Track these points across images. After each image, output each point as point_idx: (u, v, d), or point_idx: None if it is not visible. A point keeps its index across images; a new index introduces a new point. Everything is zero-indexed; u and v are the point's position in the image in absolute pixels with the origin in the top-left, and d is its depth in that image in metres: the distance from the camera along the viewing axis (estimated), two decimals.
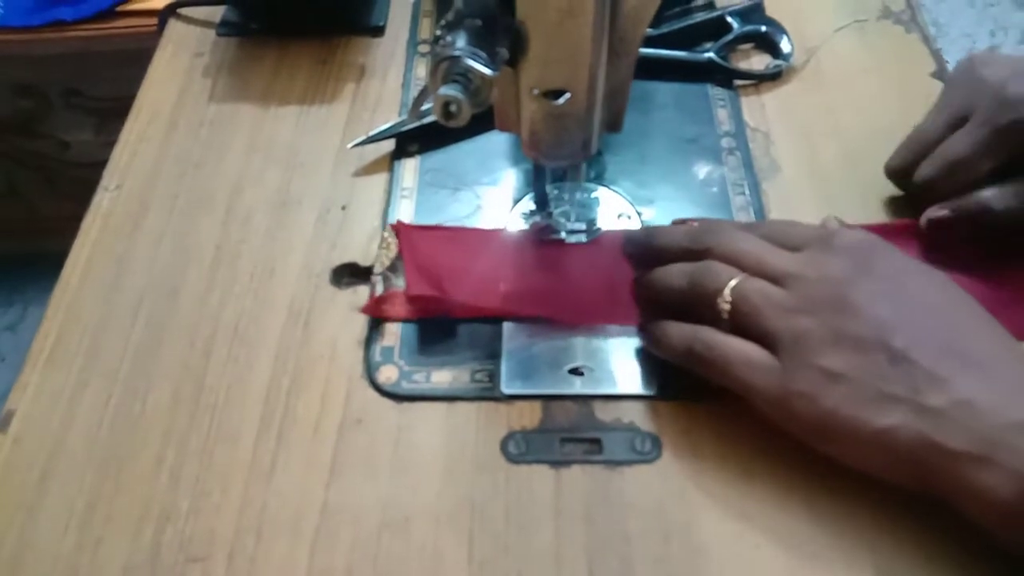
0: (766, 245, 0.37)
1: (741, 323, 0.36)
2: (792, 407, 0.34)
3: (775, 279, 0.36)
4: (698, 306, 0.37)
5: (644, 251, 0.41)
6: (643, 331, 0.40)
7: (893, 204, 0.46)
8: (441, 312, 0.42)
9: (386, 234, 0.44)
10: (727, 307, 0.36)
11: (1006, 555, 0.32)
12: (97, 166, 0.50)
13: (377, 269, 0.43)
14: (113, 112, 0.97)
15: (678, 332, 0.37)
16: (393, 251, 0.44)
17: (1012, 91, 0.40)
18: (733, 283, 0.36)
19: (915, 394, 0.32)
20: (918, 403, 0.32)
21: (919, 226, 0.43)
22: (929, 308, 0.34)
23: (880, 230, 0.43)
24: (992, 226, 0.41)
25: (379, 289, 0.42)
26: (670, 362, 0.38)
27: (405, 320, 0.42)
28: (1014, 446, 0.30)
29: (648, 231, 0.42)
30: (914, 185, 0.44)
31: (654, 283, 0.39)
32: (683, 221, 0.44)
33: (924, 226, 0.42)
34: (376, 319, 0.42)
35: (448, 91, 0.31)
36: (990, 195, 0.41)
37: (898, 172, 0.45)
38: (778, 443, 0.37)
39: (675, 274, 0.38)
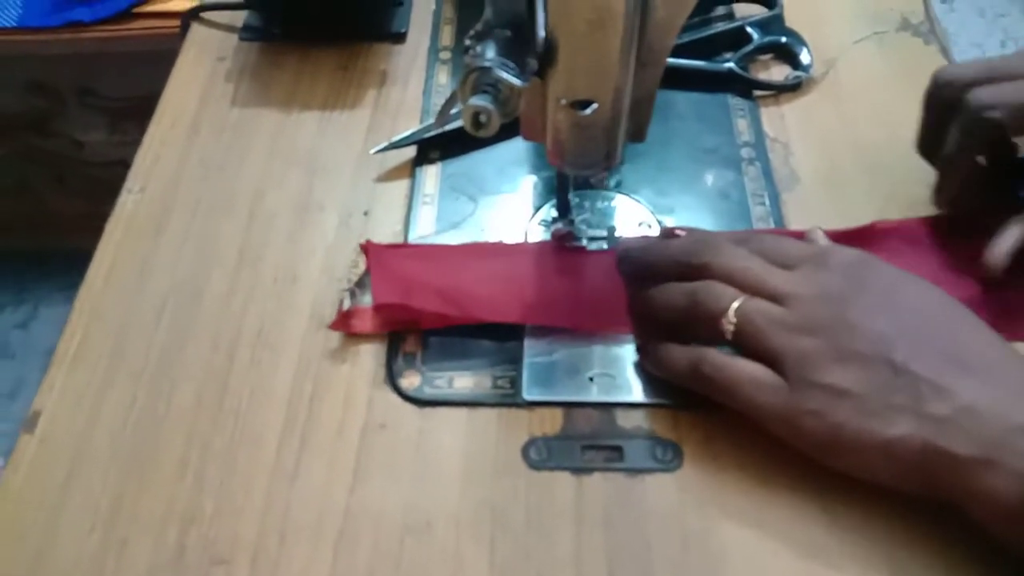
0: (762, 263, 0.38)
1: (744, 343, 0.36)
2: (801, 424, 0.34)
3: (774, 298, 0.36)
4: (700, 326, 0.37)
5: (639, 267, 0.41)
6: (643, 351, 0.40)
7: (912, 215, 0.46)
8: (409, 323, 0.42)
9: (355, 255, 0.45)
10: (731, 328, 0.36)
11: (1020, 560, 0.32)
12: (110, 166, 0.50)
13: (345, 286, 0.44)
14: (127, 112, 0.98)
15: (682, 354, 0.38)
16: (361, 268, 0.44)
17: None
18: (736, 304, 0.36)
19: (919, 404, 0.32)
20: (923, 412, 0.32)
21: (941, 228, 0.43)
22: (926, 319, 0.35)
23: (889, 230, 0.43)
24: None
25: (346, 304, 0.42)
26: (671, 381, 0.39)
27: (375, 333, 0.42)
28: (1018, 449, 0.31)
29: (642, 247, 0.42)
30: (967, 111, 0.40)
31: (653, 301, 0.39)
32: (671, 231, 0.44)
33: (989, 273, 0.41)
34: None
35: (478, 101, 0.31)
36: None
37: (943, 95, 0.41)
38: (796, 452, 0.37)
39: (675, 293, 0.38)
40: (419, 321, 0.42)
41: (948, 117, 0.42)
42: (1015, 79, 0.40)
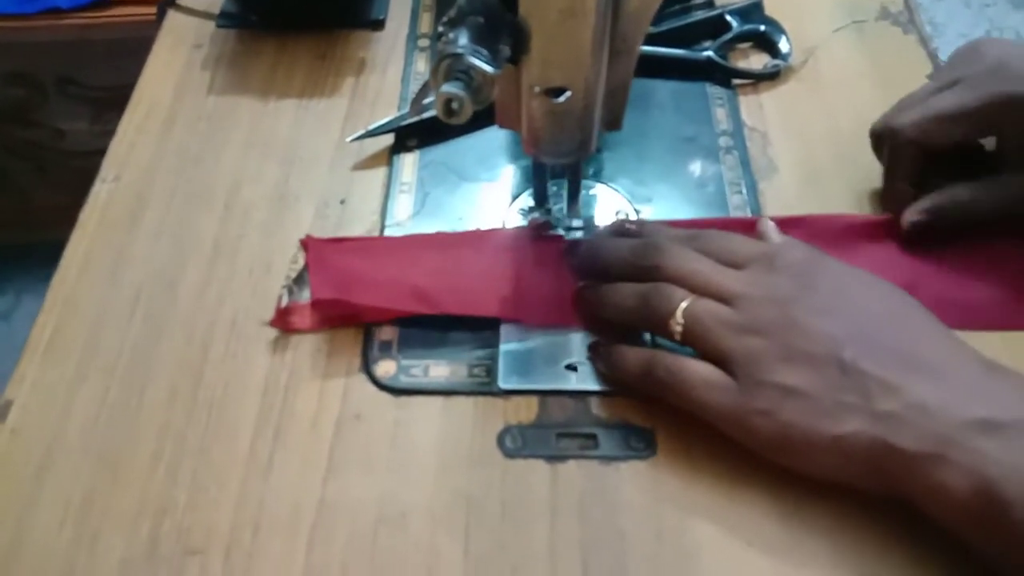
0: (712, 264, 0.38)
1: (694, 344, 0.36)
2: (751, 424, 0.35)
3: (723, 299, 0.36)
4: (649, 327, 0.38)
5: (590, 266, 0.42)
6: (594, 351, 0.40)
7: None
8: (350, 318, 0.41)
9: (295, 249, 0.44)
10: (679, 328, 0.36)
11: (980, 556, 0.32)
12: (92, 155, 0.50)
13: (283, 282, 0.43)
14: (108, 101, 0.97)
15: (635, 356, 0.38)
16: (300, 263, 0.44)
17: (1012, 65, 0.41)
18: (684, 305, 0.36)
19: (868, 401, 0.33)
20: (872, 409, 0.32)
21: (897, 224, 0.43)
22: (875, 317, 0.35)
23: (859, 228, 0.44)
24: (967, 223, 0.42)
25: (284, 301, 0.42)
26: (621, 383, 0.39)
27: (314, 330, 0.41)
28: (967, 445, 0.31)
29: (593, 245, 0.42)
30: (890, 137, 0.43)
31: (602, 300, 0.40)
32: (622, 226, 0.43)
33: (905, 228, 0.43)
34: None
35: (450, 88, 0.31)
36: (963, 191, 0.42)
37: (879, 132, 0.45)
38: None
39: (626, 294, 0.39)
40: (359, 316, 0.41)
41: (896, 161, 0.44)
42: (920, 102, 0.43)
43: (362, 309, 0.41)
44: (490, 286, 0.42)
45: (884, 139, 0.44)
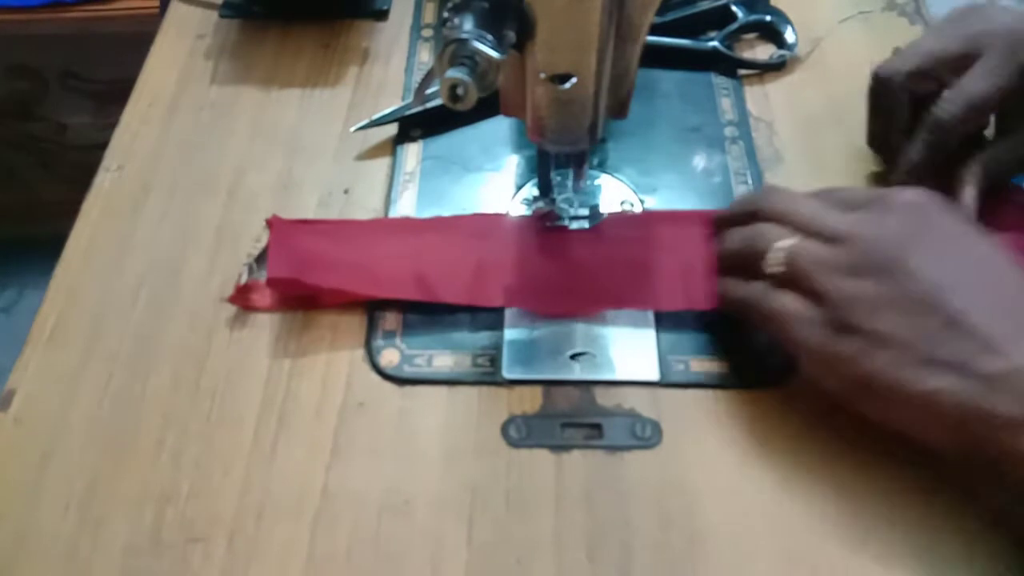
0: (818, 205, 0.37)
1: (791, 283, 0.36)
2: (836, 366, 0.34)
3: (828, 239, 0.36)
4: (750, 267, 0.38)
5: (719, 222, 0.42)
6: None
7: None
8: (307, 299, 0.41)
9: (260, 229, 0.44)
10: (779, 268, 0.36)
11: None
12: (95, 149, 0.50)
13: (244, 260, 0.43)
14: (111, 95, 0.97)
15: (734, 286, 0.39)
16: (263, 242, 0.44)
17: None
18: (781, 244, 0.36)
19: (968, 358, 0.31)
20: (970, 368, 0.31)
21: None
22: (989, 271, 0.34)
23: None
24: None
25: (244, 278, 0.42)
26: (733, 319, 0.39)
27: (272, 310, 0.42)
28: None
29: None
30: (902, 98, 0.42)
31: (718, 247, 0.41)
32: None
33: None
34: (377, 302, 0.42)
35: (455, 74, 0.31)
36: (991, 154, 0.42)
37: (892, 84, 0.43)
38: (777, 431, 0.37)
39: (734, 238, 0.39)
40: (318, 298, 0.41)
41: (893, 110, 0.43)
42: (951, 69, 0.41)
43: (319, 290, 0.41)
44: (454, 272, 0.42)
45: (895, 97, 0.43)
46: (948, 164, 0.42)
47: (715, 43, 0.52)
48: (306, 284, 0.41)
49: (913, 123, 0.43)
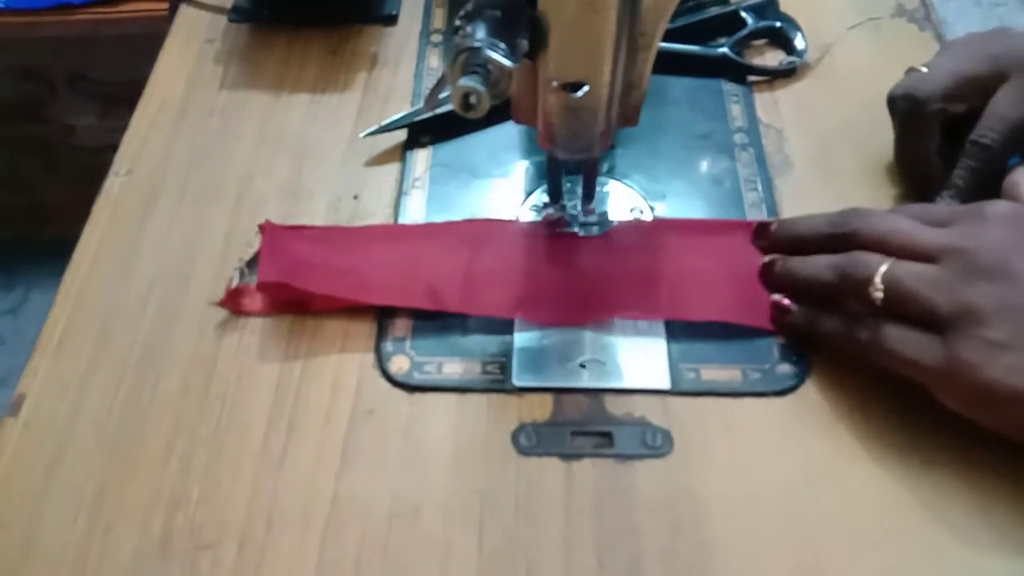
0: (913, 223, 0.37)
1: (895, 308, 0.35)
2: (956, 377, 0.34)
3: (927, 257, 0.35)
4: (848, 297, 0.37)
5: (786, 240, 0.41)
6: (783, 323, 0.40)
7: (905, 201, 0.45)
8: (298, 304, 0.41)
9: (252, 235, 0.44)
10: (879, 295, 0.36)
11: None
12: (102, 151, 0.50)
13: (236, 264, 0.43)
14: (118, 97, 0.97)
15: (833, 325, 0.38)
16: (255, 247, 0.44)
17: None
18: (883, 269, 0.36)
19: None
20: None
21: None
22: None
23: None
24: None
25: (235, 282, 0.42)
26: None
27: (263, 314, 0.41)
28: None
29: (786, 220, 0.43)
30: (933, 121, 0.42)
31: (794, 273, 0.40)
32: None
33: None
34: (385, 309, 0.42)
35: (468, 82, 0.31)
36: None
37: (928, 108, 0.43)
38: (787, 440, 0.37)
39: (822, 266, 0.38)
40: (308, 303, 0.41)
41: (927, 134, 0.43)
42: (980, 91, 0.42)
43: (309, 296, 0.41)
44: (448, 278, 0.42)
45: (930, 120, 0.43)
46: (988, 188, 0.42)
47: (725, 49, 0.52)
48: (296, 289, 0.41)
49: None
